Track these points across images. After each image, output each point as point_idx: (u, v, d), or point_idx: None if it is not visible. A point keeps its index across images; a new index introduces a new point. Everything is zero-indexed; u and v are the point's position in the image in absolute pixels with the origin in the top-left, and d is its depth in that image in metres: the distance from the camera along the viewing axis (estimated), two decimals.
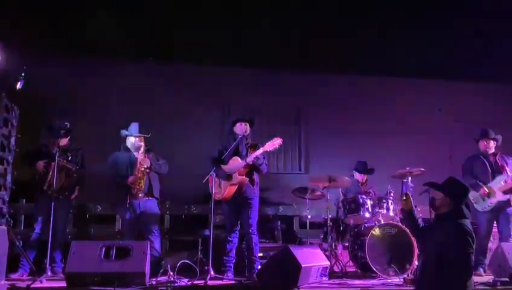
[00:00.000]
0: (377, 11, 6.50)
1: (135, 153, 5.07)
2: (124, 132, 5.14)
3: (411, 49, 6.98)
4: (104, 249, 4.13)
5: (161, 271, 4.74)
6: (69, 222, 5.65)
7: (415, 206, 3.94)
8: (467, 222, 3.54)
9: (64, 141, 5.12)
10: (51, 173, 4.88)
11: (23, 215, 5.98)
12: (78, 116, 5.98)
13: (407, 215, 3.86)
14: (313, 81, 7.61)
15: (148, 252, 4.23)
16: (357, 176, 6.20)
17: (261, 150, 4.83)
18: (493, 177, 5.31)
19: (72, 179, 5.08)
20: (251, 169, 4.93)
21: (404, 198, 3.86)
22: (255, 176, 5.03)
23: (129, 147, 5.10)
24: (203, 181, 4.86)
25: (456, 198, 3.58)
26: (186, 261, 4.83)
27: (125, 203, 4.94)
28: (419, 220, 3.85)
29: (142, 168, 4.98)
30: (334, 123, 7.62)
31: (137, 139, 5.07)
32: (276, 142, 4.81)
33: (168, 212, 6.31)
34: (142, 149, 5.05)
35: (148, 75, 7.08)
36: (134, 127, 5.12)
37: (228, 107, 7.51)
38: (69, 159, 5.08)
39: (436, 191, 3.66)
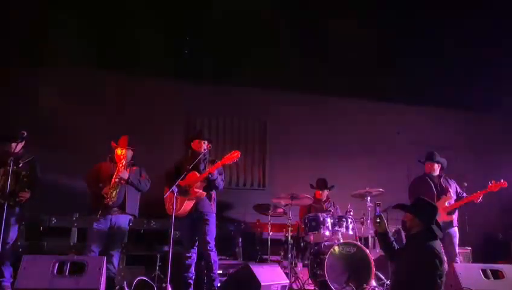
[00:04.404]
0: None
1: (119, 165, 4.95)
2: (113, 144, 5.04)
3: (374, 73, 7.20)
4: (57, 264, 3.96)
5: (117, 288, 4.60)
6: (21, 234, 5.38)
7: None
8: (436, 244, 3.61)
9: (18, 148, 4.93)
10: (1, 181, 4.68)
11: None
12: (36, 125, 5.77)
13: (381, 237, 3.89)
14: (278, 99, 7.71)
15: (104, 268, 4.09)
16: (317, 193, 6.30)
17: (219, 164, 4.77)
18: (438, 199, 5.50)
19: (22, 184, 4.87)
20: (208, 184, 4.85)
21: (378, 220, 3.87)
22: (213, 192, 4.96)
23: (115, 158, 4.99)
24: (165, 196, 4.77)
25: (425, 218, 3.65)
26: (144, 277, 4.70)
27: (98, 214, 4.77)
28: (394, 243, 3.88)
29: (117, 179, 4.83)
30: (297, 141, 7.74)
31: (123, 151, 4.98)
32: (234, 155, 4.73)
33: None
34: (124, 161, 4.93)
35: (109, 85, 6.96)
36: (123, 139, 5.06)
37: (190, 121, 7.49)
38: (20, 166, 4.88)
39: (406, 213, 3.72)
